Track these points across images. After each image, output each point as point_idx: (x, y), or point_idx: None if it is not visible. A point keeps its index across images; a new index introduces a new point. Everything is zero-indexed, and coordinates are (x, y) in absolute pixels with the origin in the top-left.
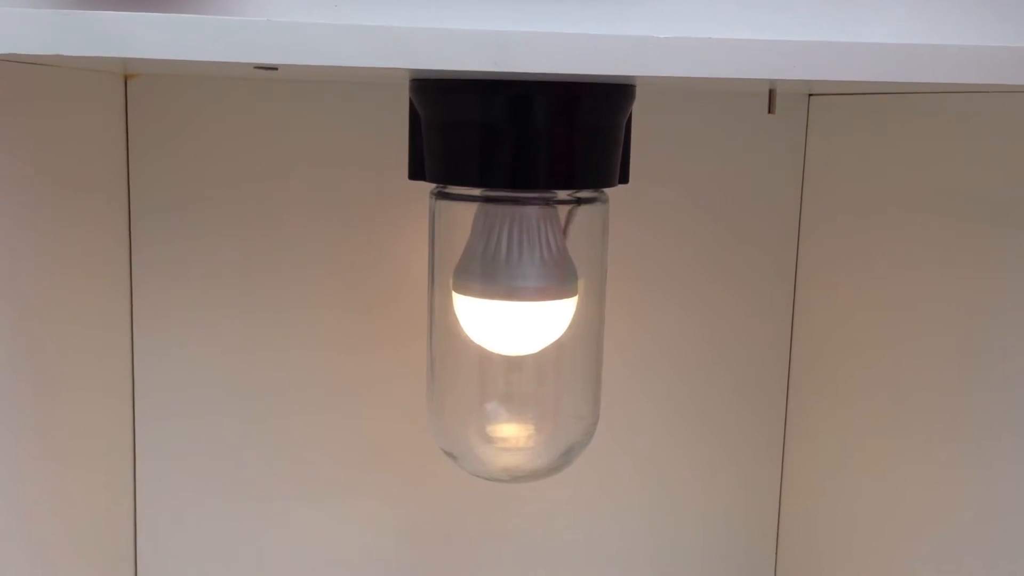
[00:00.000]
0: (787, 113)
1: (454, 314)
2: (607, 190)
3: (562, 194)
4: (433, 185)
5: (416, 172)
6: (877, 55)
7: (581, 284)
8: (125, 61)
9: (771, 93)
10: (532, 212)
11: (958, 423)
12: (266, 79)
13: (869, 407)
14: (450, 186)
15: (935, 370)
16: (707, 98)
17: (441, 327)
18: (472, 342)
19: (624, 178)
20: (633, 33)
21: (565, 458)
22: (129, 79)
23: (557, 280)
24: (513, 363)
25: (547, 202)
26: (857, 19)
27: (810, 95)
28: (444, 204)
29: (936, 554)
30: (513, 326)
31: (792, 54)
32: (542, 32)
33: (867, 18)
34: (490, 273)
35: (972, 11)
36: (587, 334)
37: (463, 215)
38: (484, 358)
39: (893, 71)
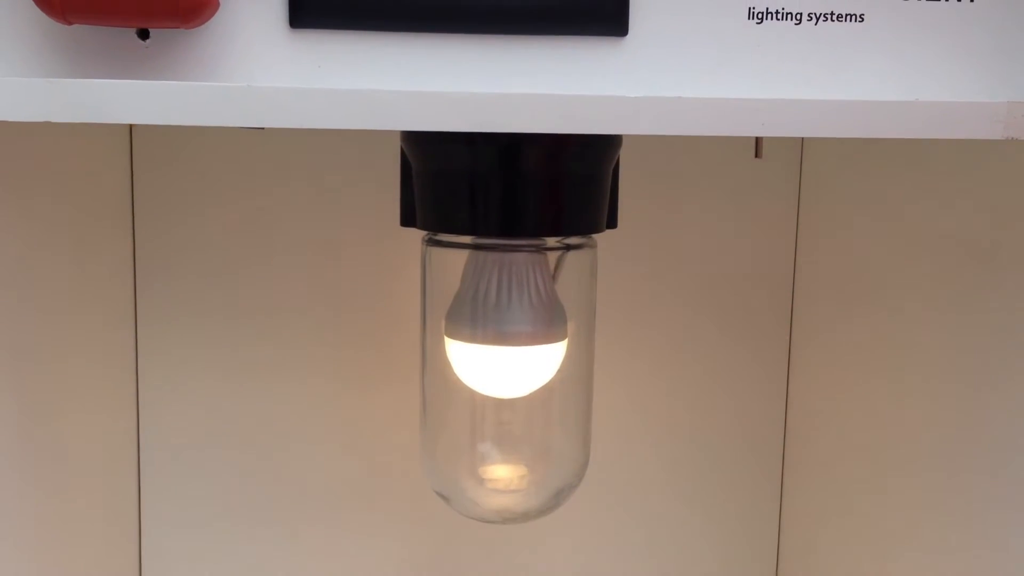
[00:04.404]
0: (780, 154)
1: (446, 358)
2: (595, 235)
3: (551, 241)
4: (425, 232)
5: (407, 219)
6: (847, 112)
7: (571, 328)
8: None
9: (758, 139)
10: (522, 259)
11: (959, 457)
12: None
13: (864, 448)
14: (441, 233)
15: (929, 396)
16: (697, 141)
17: (433, 371)
18: (464, 386)
19: (612, 223)
20: (611, 89)
21: (556, 499)
22: (134, 126)
23: (546, 324)
24: (504, 406)
25: (536, 249)
26: (830, 76)
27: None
28: (435, 251)
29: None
30: (504, 370)
31: (763, 112)
32: (516, 93)
33: (840, 75)
34: (481, 318)
35: (945, 67)
36: (577, 377)
37: (454, 261)
38: (476, 401)
39: (862, 128)
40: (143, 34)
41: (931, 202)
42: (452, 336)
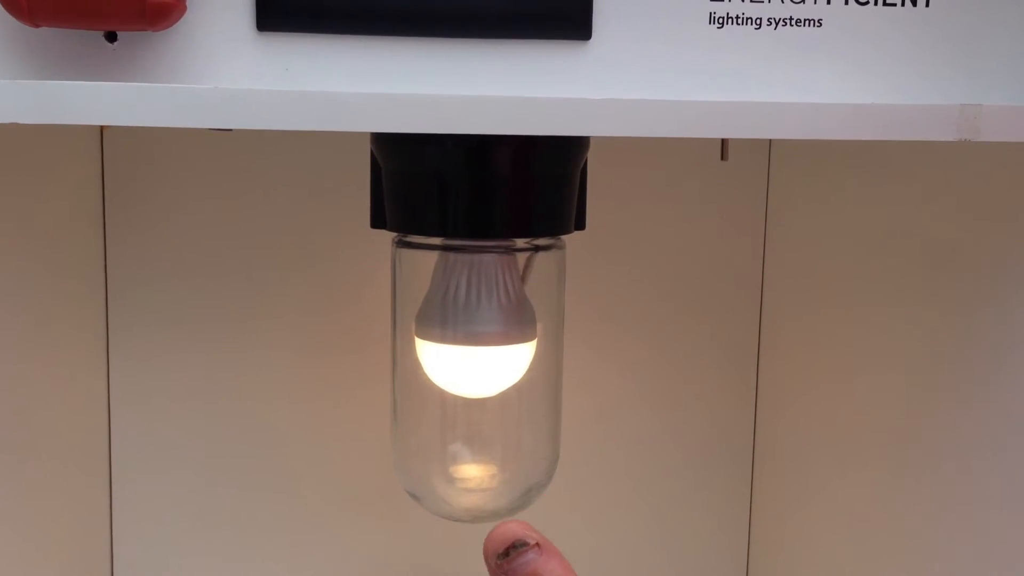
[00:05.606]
0: (749, 156)
1: (416, 358)
2: (564, 236)
3: (520, 242)
4: (395, 234)
5: (377, 221)
6: (805, 115)
7: (540, 328)
8: None
9: (723, 141)
10: (491, 260)
11: (912, 471)
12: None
13: (832, 447)
14: (410, 235)
15: (894, 392)
16: (664, 143)
17: (404, 371)
18: (434, 386)
19: (581, 224)
20: (575, 92)
21: (525, 498)
22: (104, 129)
23: (516, 325)
24: (474, 405)
25: (505, 250)
26: (789, 79)
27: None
28: (405, 252)
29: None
30: (473, 370)
31: (723, 114)
32: (483, 96)
33: (798, 78)
34: (450, 319)
35: (900, 71)
36: (546, 377)
37: (424, 263)
38: (446, 401)
39: (819, 130)
40: (111, 37)
41: (895, 203)
42: (422, 337)
